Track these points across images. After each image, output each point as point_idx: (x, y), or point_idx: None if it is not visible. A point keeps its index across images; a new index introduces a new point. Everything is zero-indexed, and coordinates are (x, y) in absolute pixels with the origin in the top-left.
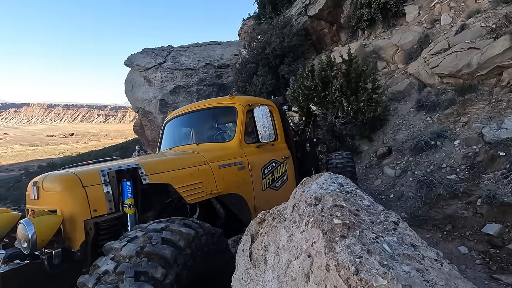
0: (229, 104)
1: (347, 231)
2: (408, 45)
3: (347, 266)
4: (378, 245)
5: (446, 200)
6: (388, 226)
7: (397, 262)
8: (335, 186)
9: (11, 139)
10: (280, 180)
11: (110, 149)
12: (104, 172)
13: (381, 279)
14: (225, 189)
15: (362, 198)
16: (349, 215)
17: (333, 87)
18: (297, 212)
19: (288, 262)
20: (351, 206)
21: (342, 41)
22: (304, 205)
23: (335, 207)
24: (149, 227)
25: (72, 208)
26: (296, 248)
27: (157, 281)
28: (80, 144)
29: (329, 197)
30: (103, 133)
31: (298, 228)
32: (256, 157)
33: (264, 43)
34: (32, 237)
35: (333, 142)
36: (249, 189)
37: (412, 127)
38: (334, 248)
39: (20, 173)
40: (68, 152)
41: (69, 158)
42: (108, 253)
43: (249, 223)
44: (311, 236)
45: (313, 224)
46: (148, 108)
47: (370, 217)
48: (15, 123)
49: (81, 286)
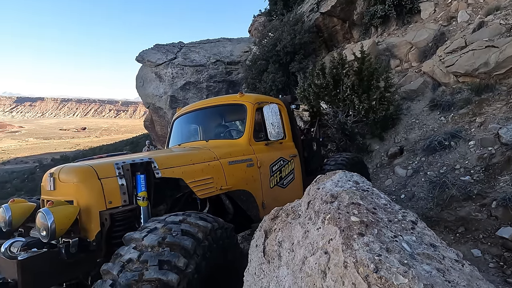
0: (239, 102)
1: (365, 229)
2: (422, 42)
3: (366, 264)
4: (397, 244)
5: (459, 201)
6: (406, 225)
7: (417, 262)
8: (350, 184)
9: (26, 132)
10: (288, 178)
11: (120, 144)
12: (118, 165)
13: (402, 278)
14: (235, 185)
15: (378, 196)
16: (366, 213)
17: (345, 85)
18: (312, 209)
19: (304, 258)
20: (368, 204)
21: (354, 38)
22: (319, 202)
23: (352, 204)
24: (167, 219)
25: (88, 199)
26: (312, 244)
27: (180, 270)
28: (92, 138)
29: (346, 194)
30: (114, 127)
31: (314, 225)
32: (265, 155)
33: (275, 40)
34: (51, 225)
35: (343, 141)
36: (257, 186)
37: (425, 127)
38: (352, 245)
39: (34, 166)
40: (80, 146)
41: (81, 151)
42: (129, 243)
43: (257, 220)
44: (328, 233)
45: (330, 221)
46: (158, 103)
47: (387, 216)
48: (30, 116)
49: (105, 274)
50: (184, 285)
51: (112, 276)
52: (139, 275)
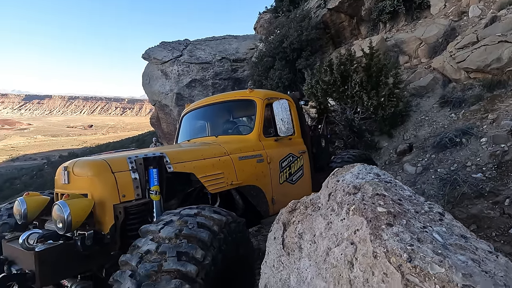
0: (248, 98)
1: (393, 219)
2: (432, 38)
3: (398, 253)
4: (427, 234)
5: (471, 199)
6: (434, 217)
7: (451, 252)
8: (372, 176)
9: (34, 129)
10: (297, 174)
11: (127, 141)
12: (131, 159)
13: (438, 267)
14: (245, 180)
15: (402, 188)
16: (392, 204)
17: (353, 81)
18: (334, 200)
19: (328, 249)
20: (393, 195)
21: (362, 34)
22: (341, 193)
23: (376, 196)
24: (181, 212)
25: (102, 192)
26: (336, 235)
27: (198, 261)
28: (99, 135)
29: (369, 186)
30: (120, 125)
31: (338, 216)
32: (274, 151)
33: (282, 37)
34: (68, 218)
35: (351, 137)
36: (267, 182)
37: (435, 124)
38: (381, 235)
39: (43, 162)
40: (87, 143)
41: (88, 148)
42: (146, 235)
43: (267, 215)
44: (353, 223)
45: (355, 212)
46: (164, 101)
47: (414, 207)
48: (38, 114)
49: (124, 265)
50: (202, 276)
51: (131, 267)
52: (158, 266)
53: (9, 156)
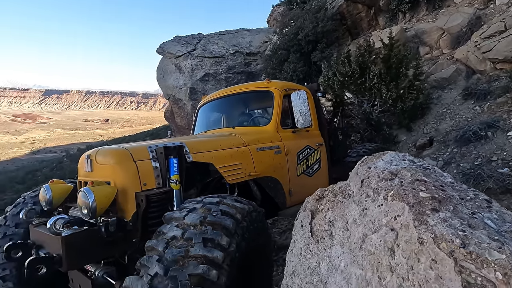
0: (266, 89)
1: (438, 204)
2: (455, 28)
3: (449, 239)
4: (478, 221)
5: (497, 194)
6: (481, 204)
7: (508, 239)
8: (407, 162)
9: (54, 123)
10: (314, 166)
11: (141, 135)
12: (152, 148)
13: (497, 253)
14: (263, 172)
15: (442, 174)
16: (435, 189)
17: (372, 73)
18: (368, 187)
19: (363, 236)
20: (434, 181)
21: (380, 25)
22: (376, 179)
23: (416, 181)
24: (204, 200)
25: (124, 180)
26: (372, 222)
27: (223, 248)
28: (114, 129)
29: (407, 172)
30: (135, 119)
31: (374, 202)
32: (292, 142)
33: (297, 29)
34: (92, 204)
35: (368, 131)
36: (284, 173)
37: (458, 117)
38: (426, 221)
39: (62, 155)
40: (104, 136)
41: (104, 142)
42: (170, 222)
43: (284, 207)
44: (392, 209)
45: (394, 197)
46: (178, 95)
47: (458, 194)
48: (57, 108)
49: (150, 250)
50: (227, 262)
51: (158, 252)
52: (185, 251)
53: (30, 148)
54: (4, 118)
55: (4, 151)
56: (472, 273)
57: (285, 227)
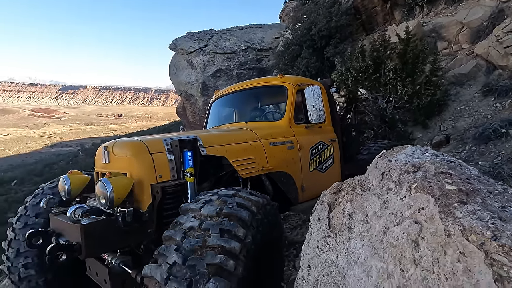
0: (280, 83)
1: (465, 197)
2: (476, 22)
3: (479, 231)
4: (509, 214)
5: None
6: (510, 198)
7: None
8: (429, 155)
9: (70, 118)
10: (327, 162)
11: (153, 130)
12: (167, 141)
13: None
14: (275, 166)
15: (467, 168)
16: (461, 182)
17: (387, 68)
18: (389, 179)
19: (385, 229)
20: (459, 174)
21: (396, 20)
22: (398, 172)
23: (441, 174)
24: (219, 192)
25: (140, 172)
26: (394, 214)
27: (240, 239)
28: (128, 124)
29: (430, 164)
30: (148, 115)
31: (396, 195)
32: (305, 138)
33: (310, 24)
34: (110, 194)
35: (382, 128)
36: (297, 169)
37: (477, 114)
38: (453, 213)
39: (77, 149)
40: (117, 131)
41: (118, 137)
42: (186, 213)
43: (296, 202)
44: (416, 202)
45: (418, 189)
46: (190, 91)
47: (485, 187)
48: (73, 103)
49: (168, 240)
50: (244, 253)
51: (176, 242)
52: (202, 241)
53: (48, 142)
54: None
55: (23, 144)
56: (505, 266)
57: (296, 223)
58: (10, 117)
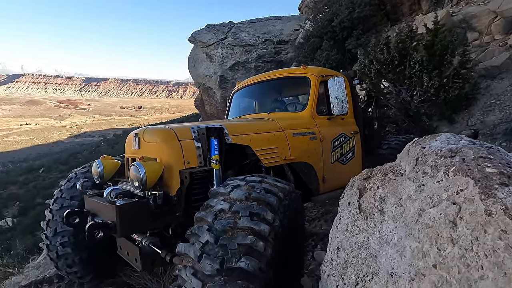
0: (303, 74)
1: (507, 179)
2: (511, 11)
3: None
4: None
5: None
6: None
7: None
8: (465, 142)
9: (93, 109)
10: (348, 154)
11: (172, 123)
12: (194, 129)
13: None
14: (298, 157)
15: (507, 154)
16: (502, 166)
17: (413, 60)
18: (424, 164)
19: (420, 211)
20: (499, 159)
21: (423, 10)
22: (434, 157)
23: (480, 158)
24: (246, 178)
25: (169, 158)
26: (430, 197)
27: (269, 222)
28: (147, 116)
29: (468, 149)
30: (166, 107)
31: (433, 178)
32: (327, 129)
33: (331, 15)
34: (143, 177)
35: (406, 122)
36: (319, 160)
37: (509, 109)
38: (495, 194)
39: (99, 140)
40: (137, 123)
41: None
42: (216, 197)
43: (317, 193)
44: (454, 184)
45: (457, 172)
46: (208, 83)
47: None
48: (96, 95)
49: (199, 221)
50: (272, 236)
51: (207, 223)
52: (233, 223)
53: (72, 132)
54: (49, 104)
55: (50, 134)
56: None
57: (314, 215)
58: (38, 108)
